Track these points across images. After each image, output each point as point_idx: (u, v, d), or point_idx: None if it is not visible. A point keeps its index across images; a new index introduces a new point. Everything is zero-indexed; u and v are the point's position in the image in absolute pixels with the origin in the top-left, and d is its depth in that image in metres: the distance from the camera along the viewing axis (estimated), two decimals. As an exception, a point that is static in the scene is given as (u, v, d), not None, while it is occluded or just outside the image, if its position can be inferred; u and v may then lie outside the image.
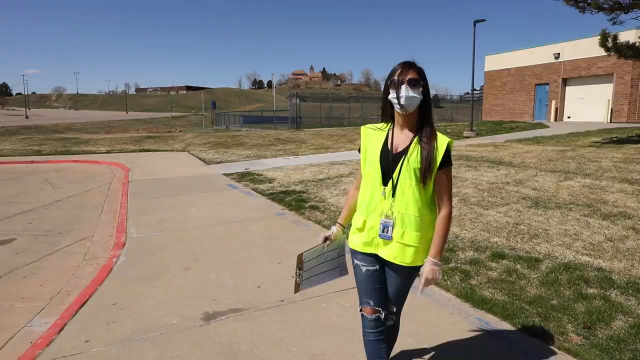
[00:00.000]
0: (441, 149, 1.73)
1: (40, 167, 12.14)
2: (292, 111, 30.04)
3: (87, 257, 4.61)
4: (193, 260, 4.08)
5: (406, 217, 1.74)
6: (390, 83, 1.74)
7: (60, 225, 5.90)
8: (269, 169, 9.86)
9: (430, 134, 1.75)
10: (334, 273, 2.02)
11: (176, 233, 5.07)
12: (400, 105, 1.70)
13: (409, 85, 1.68)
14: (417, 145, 1.74)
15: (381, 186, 1.77)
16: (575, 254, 3.76)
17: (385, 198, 1.76)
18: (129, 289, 3.45)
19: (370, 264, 1.85)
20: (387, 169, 1.77)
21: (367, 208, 1.82)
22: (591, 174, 7.19)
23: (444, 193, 1.77)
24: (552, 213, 5.01)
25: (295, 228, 5.08)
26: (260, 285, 3.43)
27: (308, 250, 1.90)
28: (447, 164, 1.75)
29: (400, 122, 1.79)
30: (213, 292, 3.33)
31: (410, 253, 1.76)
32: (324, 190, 6.98)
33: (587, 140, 12.34)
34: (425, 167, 1.70)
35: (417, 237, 1.75)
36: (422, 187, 1.73)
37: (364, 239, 1.83)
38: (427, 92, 1.75)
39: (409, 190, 1.73)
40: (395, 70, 1.74)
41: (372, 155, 1.82)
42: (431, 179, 1.73)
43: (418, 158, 1.72)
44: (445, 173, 1.75)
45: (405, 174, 1.73)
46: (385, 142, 1.81)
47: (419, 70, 1.75)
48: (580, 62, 21.27)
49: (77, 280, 3.93)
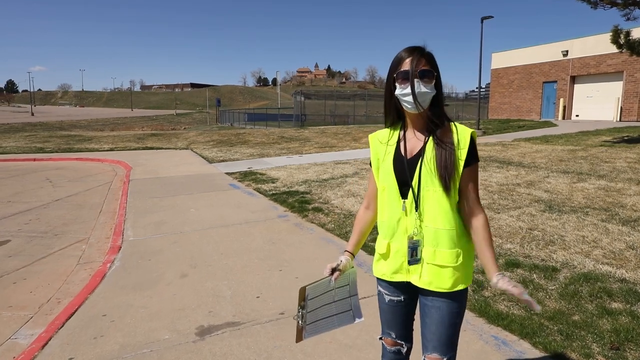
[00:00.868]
0: (464, 142, 1.42)
1: (42, 165, 12.03)
2: (296, 109, 29.81)
3: (81, 261, 4.44)
4: (190, 267, 3.89)
5: (437, 233, 1.42)
6: (397, 76, 1.42)
7: (57, 226, 5.75)
8: (272, 168, 9.66)
9: (448, 128, 1.45)
10: (345, 317, 1.61)
11: (174, 236, 4.88)
12: (412, 103, 1.40)
13: (421, 78, 1.38)
14: (435, 143, 1.43)
15: (400, 200, 1.46)
16: (595, 263, 3.52)
17: (407, 214, 1.45)
18: (121, 298, 3.26)
19: (394, 293, 1.55)
20: (403, 178, 1.45)
21: (389, 228, 1.50)
22: (605, 175, 6.92)
23: (474, 195, 1.45)
24: (568, 217, 4.77)
25: (297, 232, 4.88)
26: (259, 296, 3.23)
27: (312, 283, 1.53)
28: (474, 159, 1.44)
29: (410, 121, 1.49)
30: (209, 302, 3.14)
31: (447, 275, 1.43)
32: (328, 191, 6.78)
33: (598, 140, 12.03)
34: (447, 167, 1.39)
35: (454, 255, 1.42)
36: (449, 193, 1.41)
37: (391, 267, 1.51)
38: (439, 83, 1.44)
39: (433, 200, 1.42)
40: (402, 59, 1.42)
41: (385, 165, 1.51)
42: (456, 181, 1.42)
43: (438, 158, 1.41)
44: (473, 171, 1.44)
45: (426, 180, 1.42)
46: (397, 147, 1.50)
47: (429, 57, 1.42)
48: (589, 59, 20.87)
49: (69, 287, 3.75)
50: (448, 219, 1.42)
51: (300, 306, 1.52)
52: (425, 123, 1.46)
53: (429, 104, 1.42)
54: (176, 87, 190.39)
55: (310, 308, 1.53)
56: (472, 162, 1.44)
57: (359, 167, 9.15)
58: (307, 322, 1.53)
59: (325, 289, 1.54)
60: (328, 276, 1.54)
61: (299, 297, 1.51)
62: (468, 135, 1.44)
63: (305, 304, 1.52)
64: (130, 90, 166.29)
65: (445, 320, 1.45)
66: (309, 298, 1.52)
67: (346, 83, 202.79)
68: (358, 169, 8.99)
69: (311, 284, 1.52)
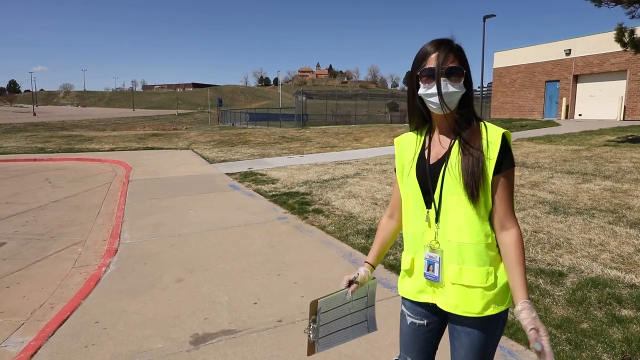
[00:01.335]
0: (494, 144, 1.24)
1: (42, 165, 11.97)
2: (298, 109, 29.70)
3: (77, 264, 4.36)
4: (187, 271, 3.81)
5: (462, 248, 1.25)
6: (421, 74, 1.27)
7: (53, 228, 5.67)
8: (272, 169, 9.57)
9: (477, 129, 1.28)
10: (359, 329, 1.51)
11: (172, 239, 4.80)
12: (438, 104, 1.25)
13: (449, 76, 1.23)
14: (461, 147, 1.27)
15: (424, 209, 1.32)
16: (603, 268, 3.42)
17: (430, 225, 1.30)
18: (114, 304, 3.18)
19: (417, 316, 1.39)
20: (426, 186, 1.31)
21: (413, 241, 1.36)
22: (611, 176, 6.80)
23: (507, 205, 1.25)
24: (574, 220, 4.66)
25: (297, 234, 4.79)
26: (256, 302, 3.13)
27: (325, 297, 1.42)
28: (506, 164, 1.24)
29: (436, 123, 1.34)
30: (205, 309, 3.05)
31: (476, 297, 1.25)
32: (328, 192, 6.68)
33: (602, 139, 11.89)
34: (474, 173, 1.22)
35: (483, 274, 1.25)
36: (476, 203, 1.23)
37: (416, 285, 1.36)
38: (469, 80, 1.29)
39: (458, 210, 1.25)
40: (427, 53, 1.26)
41: (409, 171, 1.37)
42: (485, 189, 1.24)
43: (464, 163, 1.24)
44: (505, 177, 1.25)
45: (450, 188, 1.26)
46: (422, 151, 1.36)
47: (458, 51, 1.26)
48: (592, 58, 20.70)
49: (63, 291, 3.67)
50: (475, 231, 1.24)
51: (312, 320, 1.41)
52: (452, 125, 1.30)
53: (457, 104, 1.27)
54: (178, 87, 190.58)
55: (323, 322, 1.43)
56: (504, 168, 1.24)
57: (360, 168, 9.05)
58: (319, 336, 1.43)
59: (342, 302, 1.44)
60: (344, 289, 1.43)
61: (310, 310, 1.41)
62: (499, 136, 1.25)
63: (318, 317, 1.42)
64: (132, 90, 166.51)
65: (476, 346, 1.28)
66: (321, 311, 1.42)
67: (348, 83, 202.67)
68: (359, 169, 8.89)
69: (324, 297, 1.42)
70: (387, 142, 14.59)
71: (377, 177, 7.88)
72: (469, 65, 1.29)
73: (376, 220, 5.07)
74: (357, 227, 4.81)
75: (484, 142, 1.25)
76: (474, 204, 1.23)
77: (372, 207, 5.69)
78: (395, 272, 3.55)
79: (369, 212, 5.45)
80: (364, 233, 4.60)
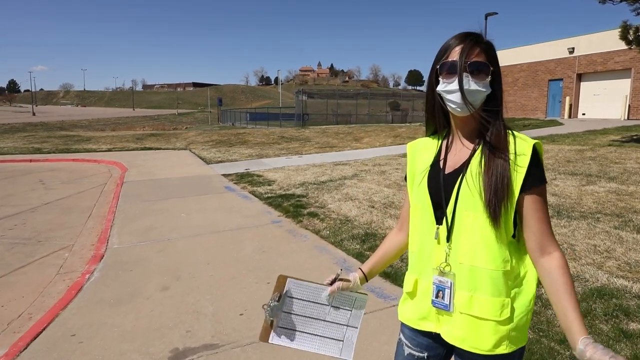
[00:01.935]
0: (523, 157, 1.06)
1: (38, 166, 11.85)
2: (298, 108, 29.53)
3: (62, 270, 4.21)
4: (173, 278, 3.65)
5: (475, 272, 1.08)
6: (441, 68, 1.11)
7: (42, 232, 5.52)
8: (269, 170, 9.42)
9: (502, 136, 1.10)
10: (329, 345, 1.28)
11: (161, 244, 4.64)
12: (458, 103, 1.08)
13: (472, 72, 1.07)
14: (484, 155, 1.10)
15: (433, 225, 1.14)
16: (609, 276, 3.24)
17: (439, 243, 1.13)
18: (94, 315, 3.02)
19: (418, 348, 1.22)
20: (437, 198, 1.14)
21: (419, 261, 1.19)
22: (616, 178, 6.61)
23: (545, 226, 1.07)
24: (577, 224, 4.48)
25: (290, 239, 4.62)
26: (243, 313, 2.97)
27: (298, 279, 1.24)
28: (537, 180, 1.06)
29: (456, 126, 1.17)
30: (188, 320, 2.89)
31: (487, 332, 1.07)
32: (325, 195, 6.52)
33: (606, 139, 11.70)
34: (497, 190, 1.04)
35: (497, 305, 1.06)
36: (497, 222, 1.06)
37: (418, 311, 1.19)
38: (497, 79, 1.11)
39: (474, 229, 1.08)
40: (450, 47, 1.10)
41: (419, 180, 1.20)
42: (509, 208, 1.06)
43: (486, 176, 1.07)
44: (537, 196, 1.07)
45: (466, 202, 1.09)
46: (437, 158, 1.19)
47: (486, 46, 1.10)
48: (595, 56, 20.47)
49: (44, 300, 3.52)
50: (492, 255, 1.06)
51: (274, 297, 1.21)
52: (474, 129, 1.14)
53: (480, 105, 1.10)
54: (178, 87, 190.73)
55: (287, 309, 1.23)
56: (534, 185, 1.06)
57: (358, 169, 8.89)
58: (279, 324, 1.23)
59: (314, 298, 1.24)
60: (323, 284, 1.24)
61: (276, 284, 1.22)
62: (529, 147, 1.06)
63: (283, 298, 1.22)
64: (132, 89, 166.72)
65: None
66: (288, 294, 1.23)
67: (349, 82, 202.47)
68: (357, 170, 8.72)
69: (297, 279, 1.23)
70: (387, 142, 14.41)
71: (375, 178, 7.71)
72: (498, 62, 1.12)
73: (372, 224, 4.90)
74: (353, 232, 4.65)
75: (511, 154, 1.07)
76: (494, 224, 1.05)
77: (369, 210, 5.53)
78: (390, 280, 3.38)
79: (365, 215, 5.29)
80: (359, 238, 4.43)
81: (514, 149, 1.08)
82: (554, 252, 1.06)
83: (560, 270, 1.04)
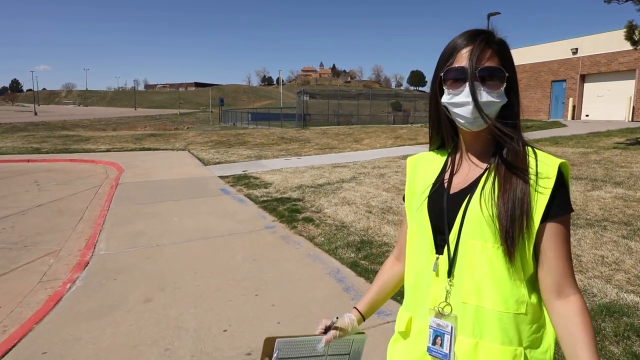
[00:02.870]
0: (546, 180, 0.87)
1: (35, 166, 11.71)
2: (299, 108, 29.35)
3: (45, 278, 4.04)
4: (157, 289, 3.47)
5: (481, 314, 0.89)
6: (446, 75, 0.92)
7: (30, 236, 5.36)
8: (267, 172, 9.25)
9: (521, 154, 0.92)
10: None
11: (149, 250, 4.47)
12: (467, 118, 0.90)
13: (484, 80, 0.88)
14: (498, 175, 0.91)
15: (433, 254, 0.96)
16: (618, 291, 3.05)
17: (438, 276, 0.95)
18: (70, 330, 2.85)
19: None
20: (439, 223, 0.95)
21: (414, 296, 1.01)
22: (623, 183, 6.40)
23: (564, 264, 0.88)
24: (583, 233, 4.28)
25: (283, 246, 4.44)
26: (227, 329, 2.79)
27: (288, 337, 1.07)
28: (562, 208, 0.87)
29: (464, 141, 0.99)
30: (169, 336, 2.71)
31: None
32: (321, 199, 6.33)
33: (610, 141, 11.48)
34: (513, 216, 0.86)
35: (509, 356, 0.88)
36: (511, 256, 0.87)
37: (410, 354, 1.01)
38: (513, 86, 0.93)
39: (482, 261, 0.89)
40: (456, 48, 0.92)
41: (419, 200, 1.01)
42: (527, 241, 0.87)
43: (501, 201, 0.88)
44: (560, 226, 0.87)
45: (472, 229, 0.90)
46: (441, 176, 1.01)
47: (500, 47, 0.92)
48: (599, 57, 20.23)
49: (22, 311, 3.35)
50: (502, 295, 0.87)
51: None
52: (486, 145, 0.96)
53: (494, 118, 0.91)
54: (180, 87, 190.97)
55: None
56: (558, 214, 0.87)
57: (357, 172, 8.70)
58: None
59: (309, 352, 1.07)
60: (316, 334, 1.06)
61: (263, 351, 1.04)
62: (554, 167, 0.88)
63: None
64: (134, 89, 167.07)
65: None
66: (278, 357, 1.05)
67: (351, 82, 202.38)
68: (356, 173, 8.54)
69: (286, 338, 1.05)
70: (388, 144, 14.22)
71: (374, 181, 7.52)
72: (514, 65, 0.94)
73: (369, 231, 4.72)
74: (348, 239, 4.46)
75: (531, 175, 0.89)
76: (509, 258, 0.87)
77: (366, 215, 5.34)
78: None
79: (362, 221, 5.10)
80: (354, 246, 4.25)
81: (535, 168, 0.89)
82: (572, 295, 0.88)
83: (579, 317, 0.85)
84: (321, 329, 1.07)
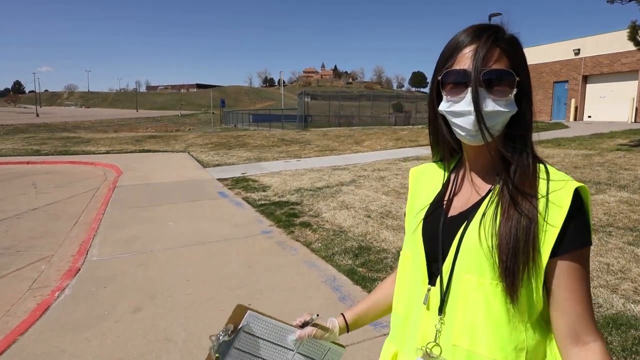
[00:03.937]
0: (559, 205, 0.73)
1: (34, 168, 11.65)
2: (300, 110, 29.26)
3: (35, 285, 3.95)
4: (148, 297, 3.37)
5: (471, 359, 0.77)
6: (444, 79, 0.79)
7: (23, 241, 5.27)
8: (266, 174, 9.15)
9: (531, 173, 0.78)
10: None
11: (142, 256, 4.37)
12: (468, 130, 0.77)
13: (490, 86, 0.75)
14: (500, 198, 0.78)
15: (425, 284, 0.84)
16: (625, 302, 2.93)
17: (429, 310, 0.82)
18: (54, 342, 2.75)
19: None
20: (434, 250, 0.83)
21: (401, 330, 0.89)
22: (627, 186, 6.27)
23: (583, 307, 0.73)
24: (588, 238, 4.16)
25: (279, 252, 4.34)
26: (217, 342, 2.69)
27: (260, 313, 0.97)
28: (578, 241, 0.72)
29: (467, 155, 0.87)
30: (156, 349, 2.61)
31: None
32: (320, 202, 6.23)
33: (613, 143, 11.33)
34: (515, 248, 0.72)
35: None
36: (513, 295, 0.73)
37: None
38: (526, 93, 0.80)
39: (477, 299, 0.76)
40: (458, 47, 0.78)
41: (416, 221, 0.89)
42: (533, 278, 0.73)
43: (503, 229, 0.74)
44: (575, 262, 0.73)
45: (467, 260, 0.77)
46: (440, 194, 0.89)
47: (509, 45, 0.77)
48: (602, 58, 20.08)
49: (8, 320, 3.25)
50: (499, 340, 0.74)
51: (226, 330, 0.93)
52: (491, 162, 0.82)
53: (501, 130, 0.78)
54: (182, 88, 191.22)
55: (240, 344, 0.94)
56: (572, 247, 0.72)
57: (357, 174, 8.59)
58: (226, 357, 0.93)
59: (277, 338, 0.97)
60: (291, 324, 0.96)
61: (232, 315, 0.94)
62: (569, 192, 0.73)
63: (237, 332, 0.93)
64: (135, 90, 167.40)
65: None
66: (244, 329, 0.95)
67: (353, 83, 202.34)
68: (356, 175, 8.43)
69: (258, 312, 0.95)
70: (389, 146, 14.11)
71: (373, 185, 7.41)
72: (527, 68, 0.80)
73: (367, 236, 4.61)
74: (346, 245, 4.35)
75: (541, 198, 0.74)
76: (510, 299, 0.73)
77: (364, 220, 5.23)
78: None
79: (360, 226, 4.99)
80: (352, 252, 4.14)
81: (546, 192, 0.75)
82: (592, 342, 0.73)
83: None
84: (299, 322, 0.96)
